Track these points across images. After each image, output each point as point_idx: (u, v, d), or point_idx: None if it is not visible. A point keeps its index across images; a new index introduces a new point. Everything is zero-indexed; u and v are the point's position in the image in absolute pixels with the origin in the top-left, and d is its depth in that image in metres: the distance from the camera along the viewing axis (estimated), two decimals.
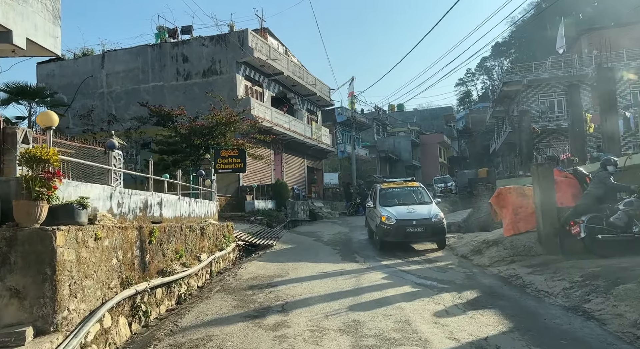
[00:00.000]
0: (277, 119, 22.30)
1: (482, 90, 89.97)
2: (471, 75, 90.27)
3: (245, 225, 16.33)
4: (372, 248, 11.80)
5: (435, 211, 11.37)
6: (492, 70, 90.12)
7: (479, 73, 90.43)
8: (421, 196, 12.52)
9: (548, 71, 29.14)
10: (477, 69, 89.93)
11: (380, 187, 12.92)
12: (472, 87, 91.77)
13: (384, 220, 10.95)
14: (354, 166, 31.91)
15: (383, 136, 57.45)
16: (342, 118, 39.78)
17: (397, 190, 12.87)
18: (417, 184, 13.26)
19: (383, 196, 12.39)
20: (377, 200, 12.20)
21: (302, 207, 21.56)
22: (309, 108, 28.34)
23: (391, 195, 12.57)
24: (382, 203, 12.02)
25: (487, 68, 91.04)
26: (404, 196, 12.43)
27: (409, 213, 11.11)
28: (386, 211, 11.25)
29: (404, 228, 10.75)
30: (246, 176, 20.49)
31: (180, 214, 9.23)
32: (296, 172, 26.15)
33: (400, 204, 11.89)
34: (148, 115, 18.63)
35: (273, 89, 23.80)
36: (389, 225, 10.81)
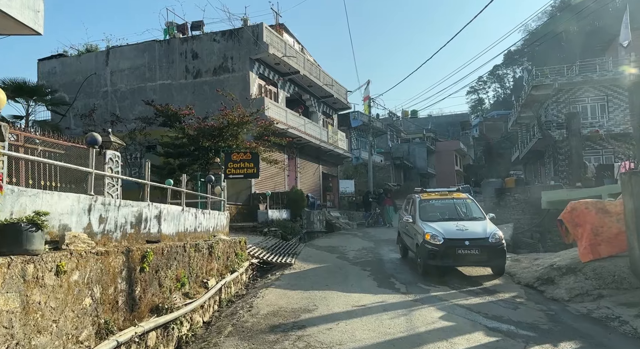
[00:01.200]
0: (292, 121, 20.67)
1: (494, 98, 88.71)
2: (483, 84, 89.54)
3: (258, 237, 14.63)
4: (410, 270, 9.99)
5: (492, 229, 9.31)
6: (504, 78, 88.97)
7: (491, 81, 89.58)
8: (471, 210, 10.42)
9: (582, 74, 27.21)
10: (489, 77, 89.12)
11: (419, 198, 10.80)
12: (484, 96, 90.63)
13: (428, 239, 8.99)
14: (370, 173, 30.15)
15: (397, 142, 55.72)
16: (357, 123, 38.07)
17: (440, 201, 10.78)
18: (464, 195, 11.18)
19: (424, 209, 10.34)
20: (416, 214, 10.20)
21: (318, 217, 19.83)
22: (324, 111, 26.70)
23: (434, 207, 10.52)
24: (423, 217, 10.04)
25: (498, 76, 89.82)
26: (450, 210, 10.38)
27: (460, 231, 9.11)
28: (430, 228, 9.29)
29: (454, 249, 8.77)
30: (258, 182, 18.83)
31: (185, 229, 7.54)
32: (311, 179, 24.45)
33: (446, 219, 9.89)
34: (154, 115, 17.09)
35: (288, 89, 22.19)
36: (434, 245, 8.87)
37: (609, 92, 27.30)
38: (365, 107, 32.64)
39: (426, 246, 9.00)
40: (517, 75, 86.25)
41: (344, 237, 17.52)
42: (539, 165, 34.67)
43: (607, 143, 27.06)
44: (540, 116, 29.82)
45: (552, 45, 64.70)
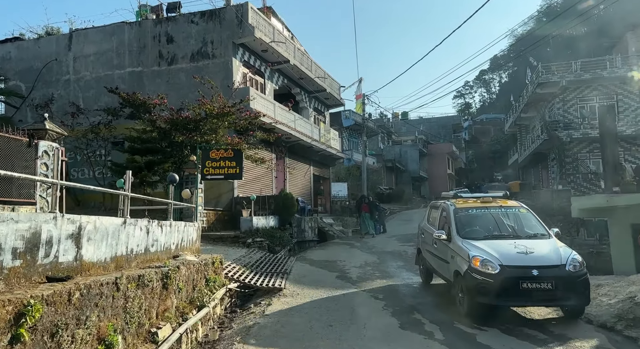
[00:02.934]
0: (281, 117, 18.35)
1: (480, 102, 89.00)
2: (469, 88, 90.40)
3: (240, 249, 12.26)
4: (437, 301, 7.65)
5: (567, 251, 6.60)
6: (490, 83, 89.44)
7: (477, 86, 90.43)
8: (529, 223, 7.51)
9: (590, 71, 25.46)
10: (475, 82, 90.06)
11: (453, 206, 7.84)
12: (470, 100, 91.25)
13: (476, 266, 6.23)
14: (364, 175, 27.92)
15: (388, 145, 53.86)
16: (350, 122, 35.90)
17: (484, 211, 7.71)
18: (515, 203, 8.15)
19: (463, 221, 7.50)
20: (452, 228, 7.35)
21: (309, 224, 17.53)
22: (316, 107, 24.44)
23: (476, 219, 7.61)
24: (463, 233, 7.20)
25: (485, 81, 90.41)
26: (500, 223, 7.43)
27: (522, 255, 6.33)
28: (479, 250, 6.49)
29: (517, 281, 6.01)
30: (242, 184, 16.46)
31: (128, 251, 5.17)
32: (301, 181, 22.14)
33: (497, 236, 7.05)
34: (119, 106, 14.64)
35: (276, 81, 19.88)
36: (486, 276, 6.09)
37: (618, 91, 25.59)
38: (358, 105, 30.40)
39: (474, 277, 6.19)
40: (503, 80, 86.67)
41: (341, 248, 15.22)
42: (541, 168, 32.88)
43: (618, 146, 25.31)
44: (545, 116, 28.01)
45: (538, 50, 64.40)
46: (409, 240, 17.02)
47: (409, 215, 32.29)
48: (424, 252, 8.86)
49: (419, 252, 9.42)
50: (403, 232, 20.69)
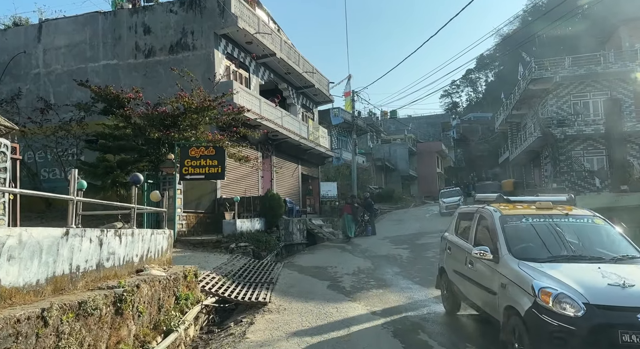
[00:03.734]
0: (267, 113, 17.36)
1: (467, 102, 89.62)
2: (456, 87, 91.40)
3: (222, 255, 11.24)
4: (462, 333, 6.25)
5: None
6: (477, 82, 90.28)
7: (464, 85, 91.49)
8: (611, 240, 5.45)
9: (585, 67, 24.94)
10: (462, 81, 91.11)
11: (498, 213, 5.60)
12: (457, 99, 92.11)
13: (547, 303, 4.15)
14: (354, 175, 27.07)
15: (378, 143, 53.14)
16: (338, 120, 34.97)
17: (544, 221, 5.48)
18: (587, 211, 5.91)
19: (514, 234, 5.30)
20: (500, 244, 5.16)
21: (297, 226, 16.55)
22: (304, 103, 23.48)
23: (534, 233, 5.36)
24: (516, 251, 5.03)
25: (471, 80, 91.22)
26: (570, 240, 5.32)
27: (617, 289, 4.20)
28: (549, 279, 4.41)
29: (614, 331, 3.92)
30: (225, 185, 15.44)
31: (71, 270, 4.14)
32: (289, 181, 21.17)
33: (570, 258, 4.96)
34: (91, 101, 13.52)
35: (262, 76, 18.87)
36: (564, 320, 4.03)
37: (613, 87, 25.12)
38: (347, 103, 29.48)
39: (543, 320, 4.10)
40: (489, 79, 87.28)
41: (331, 252, 14.29)
42: (533, 166, 32.40)
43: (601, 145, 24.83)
44: (538, 113, 27.45)
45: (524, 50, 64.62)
46: (402, 242, 16.15)
47: (399, 215, 31.51)
48: (451, 273, 6.58)
49: (441, 272, 7.13)
50: (395, 233, 19.84)
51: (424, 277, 9.44)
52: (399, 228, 22.28)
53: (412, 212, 33.74)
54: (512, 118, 35.14)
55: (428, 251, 13.42)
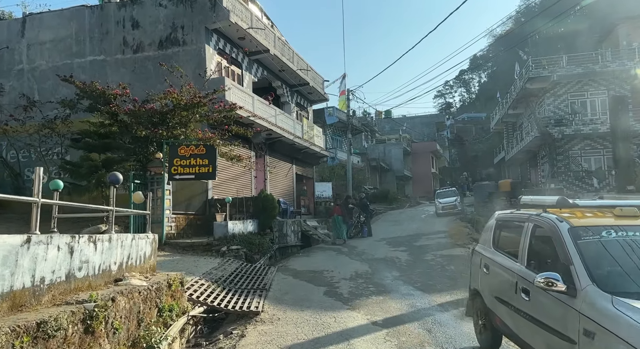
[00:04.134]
0: (261, 111, 16.84)
1: (460, 102, 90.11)
2: (449, 88, 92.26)
3: (212, 259, 10.71)
4: None
5: None
6: (470, 83, 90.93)
7: (457, 85, 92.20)
8: None
9: (582, 65, 24.64)
10: (455, 82, 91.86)
11: (566, 224, 3.94)
12: (451, 100, 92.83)
13: None
14: (349, 174, 26.59)
15: (372, 143, 52.79)
16: (333, 119, 34.52)
17: (633, 237, 3.72)
18: None
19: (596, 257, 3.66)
20: (576, 270, 3.54)
21: (292, 228, 16.05)
22: (298, 101, 22.97)
23: (626, 255, 3.60)
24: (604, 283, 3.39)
25: (464, 81, 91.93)
26: None
27: None
28: None
29: None
30: (217, 185, 14.90)
31: (34, 282, 3.60)
32: (283, 181, 20.65)
33: None
34: (75, 97, 12.93)
35: (255, 73, 18.33)
36: None
37: (610, 87, 24.85)
38: (342, 102, 29.00)
39: None
40: (482, 80, 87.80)
41: (327, 255, 13.78)
42: (529, 166, 32.11)
43: (609, 143, 24.55)
44: (534, 112, 27.13)
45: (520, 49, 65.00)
46: (399, 244, 15.70)
47: (395, 216, 31.09)
48: (490, 299, 5.03)
49: (474, 296, 5.54)
50: (392, 235, 19.38)
51: (425, 282, 8.98)
52: (395, 229, 21.83)
53: (407, 213, 33.36)
54: (508, 118, 34.84)
55: (427, 253, 12.97)
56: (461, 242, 14.95)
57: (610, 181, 23.85)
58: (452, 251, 13.22)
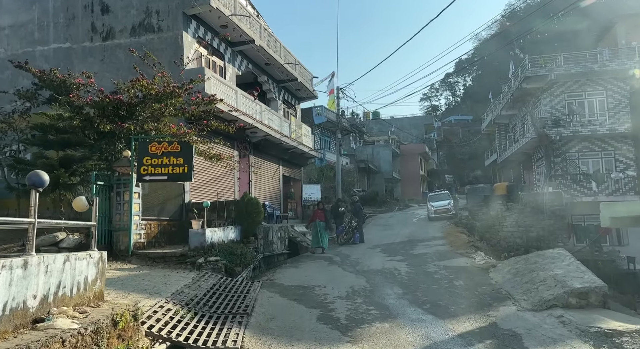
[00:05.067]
0: (245, 107, 15.45)
1: (446, 105, 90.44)
2: (435, 91, 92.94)
3: (186, 273, 9.28)
4: None
5: None
6: (455, 86, 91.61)
7: (443, 89, 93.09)
8: None
9: (581, 64, 23.79)
10: (441, 85, 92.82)
11: None
12: (436, 103, 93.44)
13: None
14: (339, 176, 25.31)
15: (361, 145, 51.73)
16: (322, 119, 33.29)
17: None
18: None
19: None
20: None
21: (278, 234, 14.64)
22: (285, 99, 21.61)
23: None
24: None
25: (450, 84, 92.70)
26: None
27: None
28: None
29: None
30: (196, 187, 13.47)
31: None
32: (269, 183, 19.24)
33: None
34: (33, 88, 11.39)
35: (239, 65, 16.93)
36: None
37: (608, 87, 24.05)
38: (331, 101, 27.68)
39: None
40: (467, 83, 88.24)
41: (317, 265, 12.41)
42: (523, 169, 31.23)
43: (608, 145, 23.77)
44: (531, 113, 26.19)
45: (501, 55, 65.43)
46: (395, 253, 14.43)
47: (385, 220, 29.90)
48: None
49: None
50: (385, 241, 18.12)
51: (434, 302, 7.68)
52: (387, 235, 20.59)
53: (397, 216, 32.21)
54: (500, 119, 33.96)
55: (428, 264, 11.71)
56: (463, 251, 13.73)
57: (610, 184, 23.05)
58: (455, 261, 11.98)
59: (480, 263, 11.22)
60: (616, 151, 23.72)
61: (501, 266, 10.05)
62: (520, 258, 10.07)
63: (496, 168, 38.40)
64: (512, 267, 9.56)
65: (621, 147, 23.57)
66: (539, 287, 7.48)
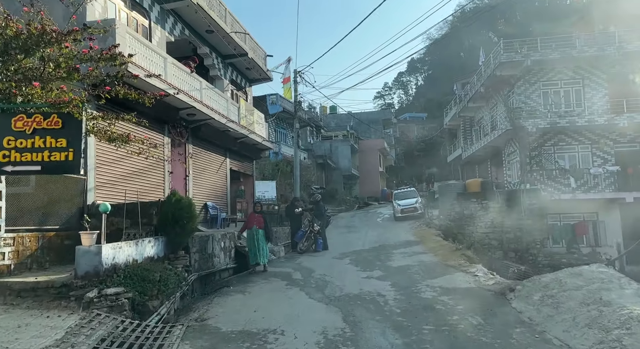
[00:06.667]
0: (177, 80, 12.00)
1: (399, 104, 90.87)
2: (388, 89, 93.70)
3: (63, 317, 5.85)
4: None
5: None
6: (408, 85, 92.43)
7: (395, 87, 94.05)
8: None
9: (559, 50, 21.99)
10: (394, 83, 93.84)
11: None
12: (390, 101, 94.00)
13: None
14: (297, 172, 22.18)
15: (318, 140, 48.94)
16: (277, 108, 29.92)
17: None
18: None
19: None
20: None
21: (221, 244, 11.33)
22: (234, 79, 18.17)
23: None
24: None
25: (402, 83, 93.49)
26: None
27: None
28: None
29: None
30: (104, 183, 9.91)
31: None
32: (213, 179, 15.77)
33: None
34: None
35: (172, 29, 13.37)
36: None
37: (585, 75, 22.46)
38: (287, 90, 24.40)
39: None
40: (419, 82, 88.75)
41: (272, 289, 9.20)
42: (491, 165, 29.45)
43: (585, 138, 22.16)
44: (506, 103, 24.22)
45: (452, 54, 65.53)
46: (369, 264, 11.51)
47: (347, 220, 27.20)
48: None
49: None
50: (353, 247, 15.28)
51: None
52: (353, 239, 17.76)
53: (360, 216, 29.62)
54: (466, 112, 32.12)
55: (418, 284, 8.83)
56: (454, 262, 10.99)
57: (589, 180, 21.43)
58: (452, 280, 9.19)
59: (489, 283, 8.47)
60: (593, 145, 22.16)
61: (524, 291, 7.31)
62: (548, 279, 7.39)
63: (460, 165, 36.66)
64: (544, 294, 6.84)
65: (598, 140, 22.02)
66: (624, 338, 4.72)
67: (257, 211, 11.79)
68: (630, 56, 21.13)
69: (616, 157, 21.73)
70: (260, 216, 11.59)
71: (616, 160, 21.58)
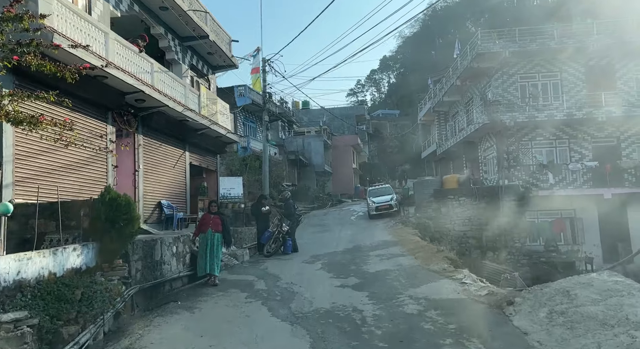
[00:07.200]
0: (122, 60, 10.36)
1: (372, 101, 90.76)
2: (361, 87, 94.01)
3: None
4: None
5: None
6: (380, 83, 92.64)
7: (368, 85, 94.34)
8: None
9: (538, 40, 21.30)
10: (367, 81, 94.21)
11: None
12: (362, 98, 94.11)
13: None
14: (266, 167, 20.70)
15: (290, 135, 47.51)
16: (245, 101, 28.35)
17: None
18: None
19: None
20: None
21: (173, 249, 9.81)
22: (194, 64, 16.52)
23: None
24: None
25: (375, 80, 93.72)
26: None
27: None
28: None
29: None
30: (27, 178, 8.24)
31: None
32: (169, 175, 14.11)
33: None
34: None
35: (117, 2, 11.67)
36: None
37: (563, 68, 21.87)
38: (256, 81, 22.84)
39: None
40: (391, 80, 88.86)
41: (228, 304, 7.75)
42: (466, 160, 28.73)
43: (563, 133, 21.58)
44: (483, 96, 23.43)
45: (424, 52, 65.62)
46: (343, 270, 10.24)
47: (319, 218, 25.92)
48: None
49: None
50: (326, 249, 14.00)
51: None
52: (326, 239, 16.50)
53: (333, 214, 28.41)
54: (441, 107, 31.35)
55: (400, 295, 7.60)
56: (437, 267, 9.83)
57: (567, 176, 20.85)
58: (437, 288, 7.99)
59: (481, 293, 7.30)
60: (571, 139, 21.61)
61: (526, 305, 6.16)
62: (552, 290, 6.28)
63: (434, 161, 35.95)
64: (552, 310, 5.71)
65: (576, 134, 21.49)
66: None
67: (212, 212, 10.18)
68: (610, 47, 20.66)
69: (594, 152, 21.25)
70: (217, 218, 9.98)
71: (594, 156, 21.09)
